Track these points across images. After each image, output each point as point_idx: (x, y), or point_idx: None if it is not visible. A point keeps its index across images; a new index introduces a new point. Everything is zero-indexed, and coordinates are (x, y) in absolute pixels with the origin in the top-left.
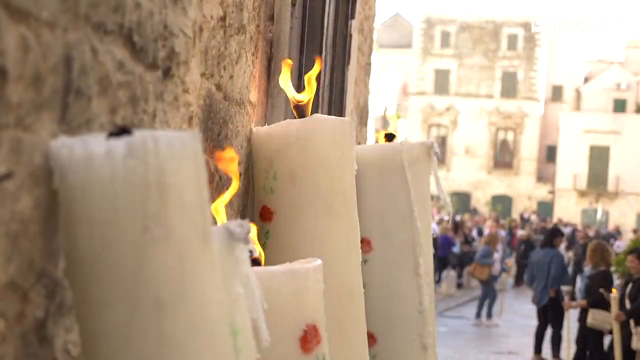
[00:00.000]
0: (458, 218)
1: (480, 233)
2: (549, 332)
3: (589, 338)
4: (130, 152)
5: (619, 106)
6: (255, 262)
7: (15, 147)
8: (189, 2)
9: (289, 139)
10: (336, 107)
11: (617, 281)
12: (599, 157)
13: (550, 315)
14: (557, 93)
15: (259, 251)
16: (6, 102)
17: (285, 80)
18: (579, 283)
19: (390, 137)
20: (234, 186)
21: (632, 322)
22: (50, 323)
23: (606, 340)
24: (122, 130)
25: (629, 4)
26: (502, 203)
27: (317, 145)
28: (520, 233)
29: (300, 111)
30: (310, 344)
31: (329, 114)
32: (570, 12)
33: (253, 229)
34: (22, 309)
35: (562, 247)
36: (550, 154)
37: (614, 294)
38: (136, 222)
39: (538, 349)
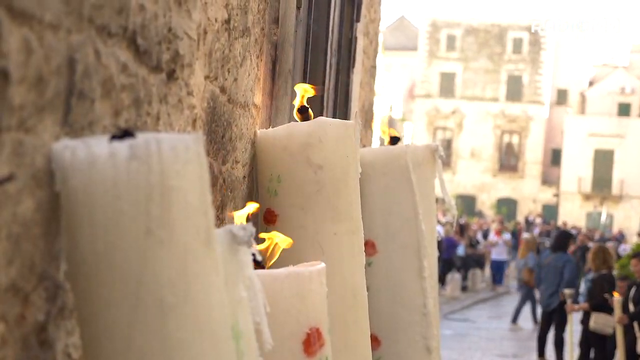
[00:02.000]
0: (463, 221)
1: (485, 236)
2: (550, 335)
3: (591, 341)
4: (133, 155)
5: (624, 110)
6: (258, 264)
7: (17, 149)
8: (194, 4)
9: (293, 141)
10: (341, 110)
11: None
12: (603, 161)
13: (555, 318)
14: (562, 96)
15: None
16: (8, 104)
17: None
18: (582, 286)
19: (394, 140)
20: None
21: (636, 326)
22: (51, 326)
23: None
24: (125, 133)
25: (634, 8)
26: (507, 206)
27: (321, 148)
28: (525, 236)
29: (303, 115)
30: (313, 347)
31: (333, 117)
32: (575, 15)
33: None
34: (23, 311)
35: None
36: (555, 157)
37: (617, 297)
38: (139, 224)
39: (541, 352)
